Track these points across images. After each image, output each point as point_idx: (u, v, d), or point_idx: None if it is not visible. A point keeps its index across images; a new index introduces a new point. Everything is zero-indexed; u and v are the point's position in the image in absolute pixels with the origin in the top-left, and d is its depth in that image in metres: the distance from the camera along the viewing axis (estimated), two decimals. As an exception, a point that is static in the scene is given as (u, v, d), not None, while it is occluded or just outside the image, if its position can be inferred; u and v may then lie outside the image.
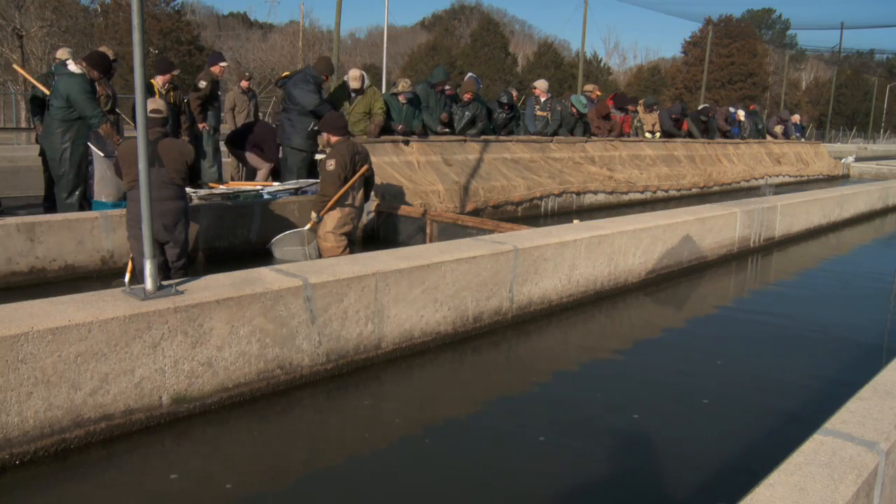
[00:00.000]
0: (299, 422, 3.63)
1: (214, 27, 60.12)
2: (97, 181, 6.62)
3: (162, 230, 4.80)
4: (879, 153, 35.17)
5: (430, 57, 47.05)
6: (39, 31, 28.93)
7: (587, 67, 44.40)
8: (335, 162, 5.84)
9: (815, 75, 71.95)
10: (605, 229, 5.89)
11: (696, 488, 3.01)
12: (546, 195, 10.48)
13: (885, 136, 60.27)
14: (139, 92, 3.41)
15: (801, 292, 6.87)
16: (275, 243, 6.24)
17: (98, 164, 6.60)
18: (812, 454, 2.21)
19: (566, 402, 3.88)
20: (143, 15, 3.34)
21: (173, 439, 3.26)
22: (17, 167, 9.66)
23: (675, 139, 15.06)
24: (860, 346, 5.11)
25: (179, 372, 3.33)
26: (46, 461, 2.95)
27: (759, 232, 8.28)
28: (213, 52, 9.79)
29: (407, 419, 3.60)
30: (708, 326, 5.54)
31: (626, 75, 71.31)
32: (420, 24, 75.01)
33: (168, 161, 4.77)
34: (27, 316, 2.96)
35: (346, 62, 40.46)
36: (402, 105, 9.28)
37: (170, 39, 37.27)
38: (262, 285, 3.64)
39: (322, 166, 6.00)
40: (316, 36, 46.87)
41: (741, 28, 55.41)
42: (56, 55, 7.62)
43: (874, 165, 22.13)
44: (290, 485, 2.94)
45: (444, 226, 7.09)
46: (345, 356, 4.03)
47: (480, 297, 4.81)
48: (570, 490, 2.96)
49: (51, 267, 5.57)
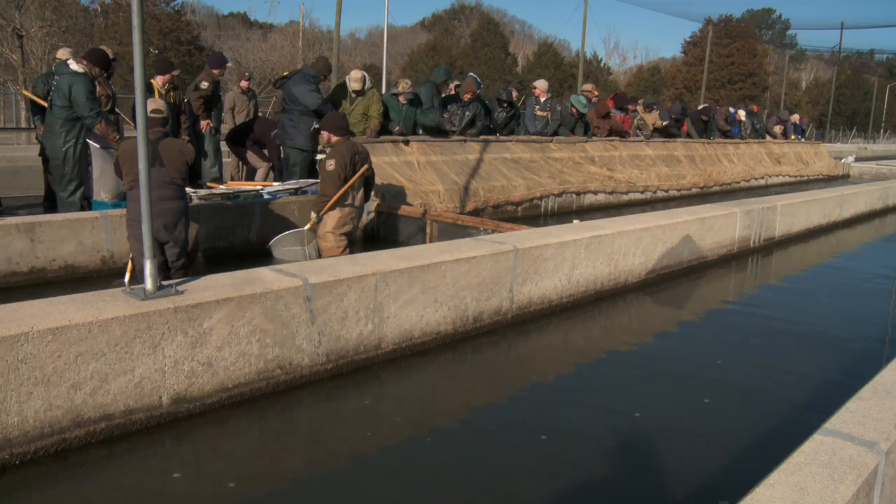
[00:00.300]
0: (299, 422, 3.63)
1: (214, 27, 60.12)
2: (96, 179, 6.61)
3: (162, 230, 4.80)
4: (879, 153, 35.18)
5: (430, 57, 47.05)
6: (39, 31, 28.94)
7: (587, 67, 44.42)
8: (335, 162, 5.84)
9: (815, 75, 71.97)
10: (605, 229, 5.89)
11: (697, 488, 3.01)
12: (546, 195, 10.48)
13: (885, 136, 60.28)
14: (139, 92, 3.41)
15: (801, 292, 6.87)
16: (274, 243, 6.24)
17: (97, 161, 6.59)
18: (812, 454, 2.21)
19: (566, 402, 3.88)
20: (143, 15, 3.34)
21: (173, 439, 3.26)
22: (17, 167, 9.67)
23: (675, 139, 15.06)
24: (860, 345, 5.11)
25: (179, 372, 3.33)
26: (46, 461, 2.95)
27: (759, 232, 8.28)
28: (214, 53, 9.76)
29: (407, 419, 3.60)
30: (708, 326, 5.54)
31: (626, 75, 71.32)
32: (420, 24, 75.04)
33: (168, 161, 4.78)
34: (27, 316, 2.96)
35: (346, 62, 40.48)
36: (402, 105, 9.28)
37: (170, 39, 37.27)
38: (262, 285, 3.64)
39: (322, 166, 6.00)
40: (316, 36, 46.90)
41: (741, 28, 55.42)
42: (56, 55, 7.63)
43: (874, 165, 22.13)
44: (291, 485, 2.94)
45: (444, 226, 7.09)
46: (345, 356, 4.03)
47: (480, 296, 4.81)
48: (571, 489, 2.96)
49: (51, 267, 5.57)
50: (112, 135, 6.48)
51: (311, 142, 8.24)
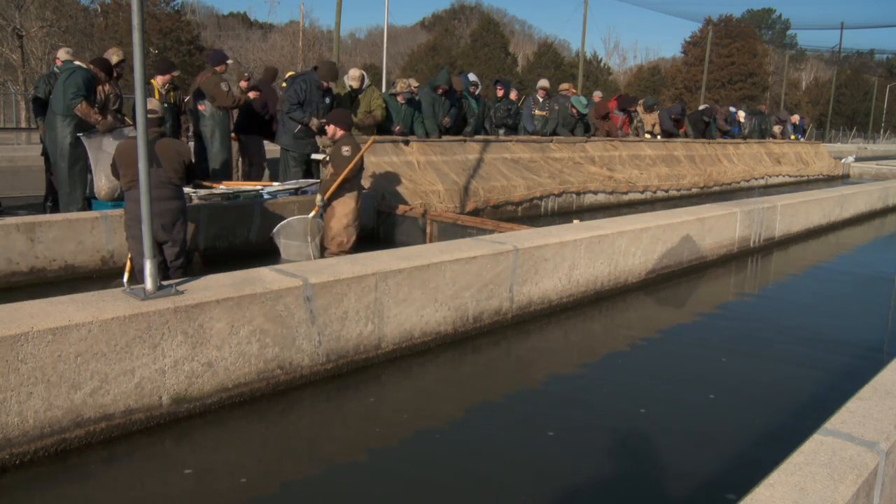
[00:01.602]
0: (299, 422, 3.63)
1: (214, 27, 60.15)
2: (94, 169, 6.54)
3: (160, 230, 4.79)
4: (879, 153, 35.17)
5: (430, 57, 47.02)
6: (39, 31, 28.94)
7: (587, 67, 44.41)
8: (351, 148, 6.12)
9: (815, 75, 71.93)
10: (605, 229, 5.89)
11: (697, 487, 3.01)
12: (546, 195, 10.48)
13: (885, 136, 60.26)
14: (139, 92, 3.41)
15: (801, 292, 6.87)
16: (278, 231, 6.22)
17: (91, 152, 6.52)
18: (812, 454, 2.21)
19: (566, 402, 3.88)
20: (143, 15, 3.34)
21: (173, 439, 3.26)
22: (17, 167, 9.66)
23: (675, 139, 15.06)
24: (860, 345, 5.11)
25: (179, 372, 3.33)
26: (46, 461, 2.95)
27: (758, 232, 8.28)
28: (214, 51, 9.69)
29: (407, 419, 3.60)
30: (708, 326, 5.54)
31: (626, 75, 71.28)
32: (420, 24, 75.02)
33: (166, 161, 4.78)
34: (27, 316, 2.96)
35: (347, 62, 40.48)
36: (400, 105, 9.28)
37: (170, 39, 37.23)
38: (262, 285, 3.64)
39: (337, 152, 6.13)
40: (316, 36, 46.90)
41: (741, 28, 55.37)
42: (57, 55, 7.65)
43: (874, 165, 22.13)
44: (291, 485, 2.94)
45: (444, 226, 7.09)
46: (345, 356, 4.03)
47: (480, 297, 4.81)
48: (571, 489, 2.96)
49: (51, 267, 5.57)
50: (94, 116, 6.47)
51: (295, 142, 8.15)
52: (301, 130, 8.03)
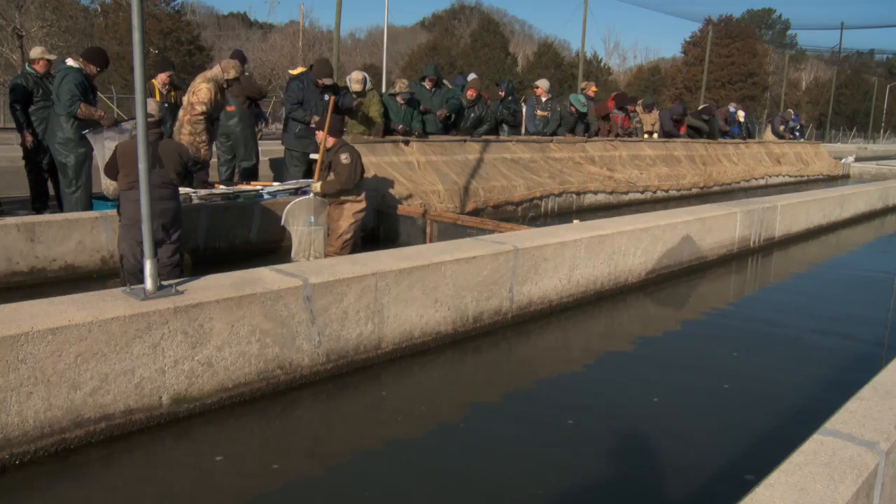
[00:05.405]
0: (299, 422, 3.63)
1: (214, 27, 60.11)
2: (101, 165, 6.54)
3: (160, 230, 4.80)
4: (879, 153, 35.14)
5: (430, 57, 46.95)
6: (39, 31, 28.93)
7: (587, 67, 44.39)
8: (349, 155, 6.14)
9: (815, 75, 71.92)
10: (605, 229, 5.89)
11: (697, 487, 3.01)
12: (546, 195, 10.48)
13: (885, 136, 60.26)
14: (139, 92, 3.41)
15: (801, 292, 6.87)
16: (286, 219, 6.21)
17: (97, 147, 6.52)
18: (812, 454, 2.21)
19: (567, 402, 3.87)
20: (143, 15, 3.34)
21: (173, 439, 3.26)
22: (17, 167, 9.63)
23: (675, 139, 15.06)
24: (860, 345, 5.11)
25: (179, 372, 3.33)
26: (46, 461, 2.95)
27: (759, 232, 8.28)
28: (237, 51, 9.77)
29: (407, 419, 3.60)
30: (708, 326, 5.54)
31: (626, 75, 71.26)
32: (420, 24, 74.97)
33: (168, 161, 4.80)
34: (27, 316, 2.96)
35: (347, 62, 40.50)
36: (399, 105, 9.29)
37: (170, 39, 37.22)
38: (262, 285, 3.64)
39: (336, 160, 6.15)
40: (316, 36, 46.86)
41: (741, 28, 55.35)
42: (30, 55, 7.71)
43: (874, 165, 22.11)
44: (291, 485, 2.94)
45: (444, 226, 7.09)
46: (345, 356, 4.03)
47: (480, 297, 4.81)
48: (572, 488, 2.96)
49: (51, 267, 5.57)
50: (96, 114, 6.49)
51: (297, 141, 8.24)
52: (302, 129, 8.08)
